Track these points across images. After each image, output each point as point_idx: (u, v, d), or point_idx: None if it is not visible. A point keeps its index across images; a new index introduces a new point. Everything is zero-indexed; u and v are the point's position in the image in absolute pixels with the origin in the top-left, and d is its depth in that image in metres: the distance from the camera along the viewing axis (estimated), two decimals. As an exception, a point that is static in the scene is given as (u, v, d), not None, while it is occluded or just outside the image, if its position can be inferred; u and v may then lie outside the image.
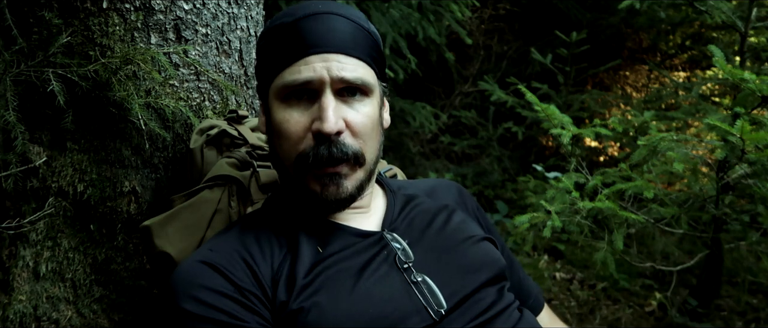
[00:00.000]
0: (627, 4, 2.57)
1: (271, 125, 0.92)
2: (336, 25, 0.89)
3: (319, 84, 0.86)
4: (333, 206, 0.90)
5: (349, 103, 0.88)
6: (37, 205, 1.13)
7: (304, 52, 0.86)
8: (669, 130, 2.64)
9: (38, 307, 1.12)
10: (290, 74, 0.87)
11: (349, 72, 0.87)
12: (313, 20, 0.88)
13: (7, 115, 1.04)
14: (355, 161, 0.88)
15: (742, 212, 2.26)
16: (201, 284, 0.81)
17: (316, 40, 0.87)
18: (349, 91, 0.88)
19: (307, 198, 0.91)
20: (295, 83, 0.86)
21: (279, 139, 0.90)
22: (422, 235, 0.94)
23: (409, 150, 4.28)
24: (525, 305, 1.07)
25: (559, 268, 3.34)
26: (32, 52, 1.08)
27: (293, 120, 0.87)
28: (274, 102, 0.91)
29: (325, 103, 0.85)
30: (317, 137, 0.86)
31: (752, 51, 2.76)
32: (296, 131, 0.87)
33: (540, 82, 4.06)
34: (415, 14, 3.27)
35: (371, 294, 0.83)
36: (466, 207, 1.07)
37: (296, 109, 0.88)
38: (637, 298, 2.92)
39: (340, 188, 0.87)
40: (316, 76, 0.85)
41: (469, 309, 0.86)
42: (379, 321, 0.80)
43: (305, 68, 0.86)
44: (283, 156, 0.90)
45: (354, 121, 0.88)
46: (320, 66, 0.86)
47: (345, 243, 0.90)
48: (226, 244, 0.88)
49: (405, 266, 0.88)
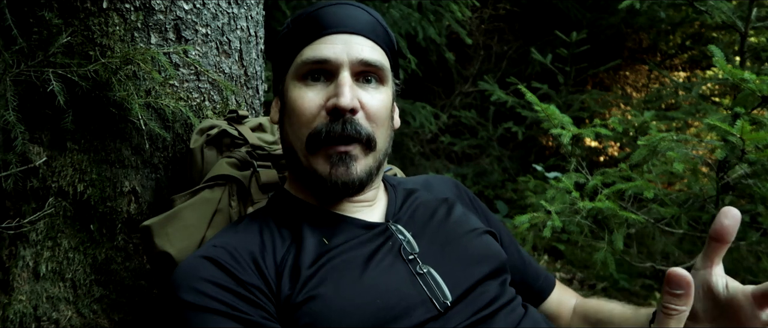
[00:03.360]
0: (627, 4, 2.57)
1: (286, 107, 0.93)
2: (357, 13, 0.92)
3: (338, 64, 0.88)
4: (341, 190, 0.89)
5: (364, 87, 0.90)
6: (37, 205, 1.13)
7: (325, 31, 0.89)
8: (669, 130, 2.64)
9: (38, 307, 1.12)
10: (310, 51, 0.89)
11: (368, 54, 0.89)
12: (336, 7, 0.91)
13: (7, 115, 1.04)
14: (368, 144, 0.89)
15: (742, 212, 2.25)
16: (202, 277, 0.81)
17: (337, 22, 0.90)
18: (366, 75, 0.90)
19: (315, 182, 0.90)
20: (315, 59, 0.88)
21: (292, 118, 0.90)
22: (424, 227, 0.95)
23: (409, 150, 4.28)
24: (536, 286, 1.08)
25: (559, 268, 3.34)
26: (32, 52, 1.08)
27: (308, 98, 0.89)
28: (290, 83, 0.92)
29: (342, 79, 0.87)
30: (332, 113, 0.87)
31: (752, 51, 2.76)
32: (310, 108, 0.88)
33: (540, 82, 4.06)
34: (415, 14, 3.27)
35: (377, 284, 0.83)
36: (464, 200, 1.08)
37: (312, 89, 0.89)
38: (637, 298, 2.92)
39: (350, 169, 0.88)
40: (336, 55, 0.87)
41: (471, 302, 0.87)
42: (384, 311, 0.80)
43: (325, 47, 0.88)
44: (294, 136, 0.91)
45: (369, 103, 0.90)
46: (340, 47, 0.88)
47: (350, 234, 0.90)
48: (229, 240, 0.88)
49: (410, 258, 0.88)
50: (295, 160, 0.93)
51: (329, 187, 0.89)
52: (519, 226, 2.05)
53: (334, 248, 0.87)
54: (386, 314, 0.80)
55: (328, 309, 0.79)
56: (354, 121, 0.87)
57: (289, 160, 0.96)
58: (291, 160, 0.95)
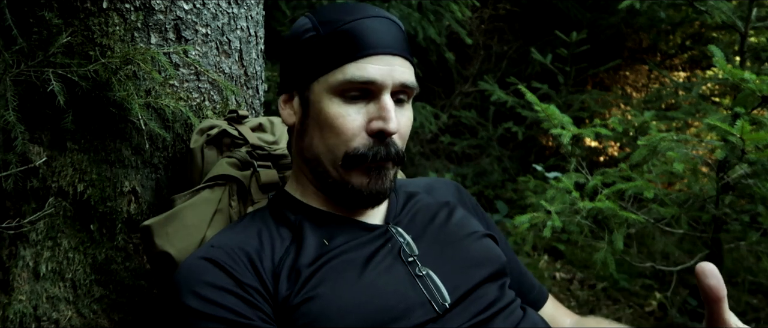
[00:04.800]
0: (627, 4, 2.57)
1: (317, 119, 0.92)
2: (394, 30, 0.92)
3: (382, 86, 0.88)
4: (372, 199, 0.92)
5: (398, 106, 0.92)
6: (37, 205, 1.13)
7: (370, 51, 0.89)
8: (669, 130, 2.65)
9: (38, 307, 1.12)
10: (356, 69, 0.88)
11: (408, 77, 0.91)
12: (373, 22, 0.91)
13: (7, 115, 1.04)
14: (400, 161, 0.92)
15: (742, 212, 2.26)
16: (203, 281, 0.81)
17: (380, 42, 0.89)
18: (399, 95, 0.92)
19: (346, 193, 0.92)
20: (361, 80, 0.88)
21: (327, 133, 0.90)
22: (425, 230, 0.95)
23: (409, 150, 4.28)
24: (529, 297, 1.08)
25: (559, 268, 3.35)
26: (32, 52, 1.08)
27: (350, 117, 0.89)
28: (325, 95, 0.90)
29: (388, 104, 0.88)
30: (378, 136, 0.88)
31: (752, 51, 2.76)
32: (352, 128, 0.89)
33: (540, 82, 4.06)
34: (415, 14, 3.28)
35: (376, 285, 0.83)
36: (465, 204, 1.08)
37: (353, 107, 0.89)
38: (637, 298, 2.92)
39: (384, 181, 0.91)
40: (382, 78, 0.88)
41: (471, 305, 0.87)
42: (383, 312, 0.81)
43: (371, 68, 0.88)
44: (326, 150, 0.91)
45: (402, 123, 0.92)
46: (386, 69, 0.88)
47: (350, 236, 0.90)
48: (228, 240, 0.88)
49: (409, 259, 0.89)
50: (320, 170, 0.93)
51: (365, 197, 0.91)
52: (519, 226, 2.05)
53: (334, 249, 0.87)
54: (384, 316, 0.81)
55: (326, 310, 0.80)
56: (394, 142, 0.90)
57: (312, 169, 0.95)
58: (314, 169, 0.94)
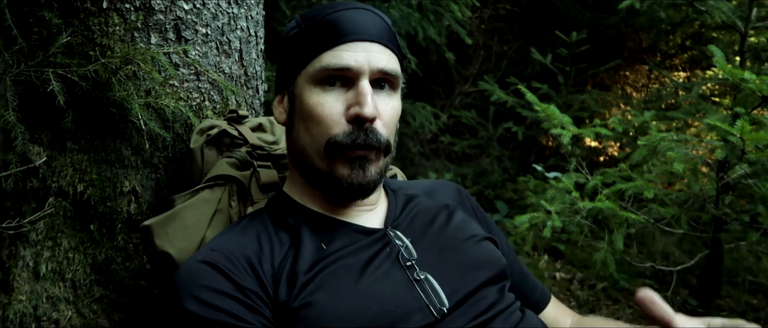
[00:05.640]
0: (627, 4, 2.57)
1: (300, 110, 0.92)
2: (374, 19, 0.93)
3: (359, 72, 0.88)
4: (356, 191, 0.91)
5: (379, 94, 0.92)
6: (37, 205, 1.13)
7: (345, 38, 0.89)
8: (669, 130, 2.65)
9: (38, 307, 1.12)
10: (331, 57, 0.89)
11: (386, 63, 0.91)
12: (352, 12, 0.92)
13: (7, 115, 1.04)
14: (385, 151, 0.92)
15: (742, 212, 2.26)
16: (203, 285, 0.81)
17: (357, 29, 0.90)
18: (381, 82, 0.92)
19: (330, 184, 0.91)
20: (336, 66, 0.88)
21: (309, 123, 0.90)
22: (424, 233, 0.95)
23: (409, 150, 4.28)
24: (531, 299, 1.08)
25: (559, 268, 3.35)
26: (32, 52, 1.08)
27: (328, 104, 0.89)
28: (305, 87, 0.91)
29: (364, 88, 0.88)
30: (356, 121, 0.88)
31: (752, 51, 2.76)
32: (331, 115, 0.89)
33: (540, 82, 4.06)
34: (415, 14, 3.28)
35: (374, 290, 0.83)
36: (465, 207, 1.07)
37: (331, 94, 0.90)
38: (637, 298, 2.91)
39: (366, 172, 0.90)
40: (358, 63, 0.88)
41: (470, 308, 0.86)
42: (381, 318, 0.80)
43: (346, 54, 0.88)
44: (311, 140, 0.91)
45: (384, 111, 0.91)
46: (362, 55, 0.89)
47: (348, 240, 0.90)
48: (227, 243, 0.88)
49: (408, 264, 0.88)
50: (307, 163, 0.93)
51: (346, 189, 0.90)
52: (519, 226, 2.05)
53: (332, 254, 0.87)
54: (382, 321, 0.80)
55: (323, 316, 0.80)
56: (375, 129, 0.89)
57: (300, 162, 0.95)
58: (302, 162, 0.95)
